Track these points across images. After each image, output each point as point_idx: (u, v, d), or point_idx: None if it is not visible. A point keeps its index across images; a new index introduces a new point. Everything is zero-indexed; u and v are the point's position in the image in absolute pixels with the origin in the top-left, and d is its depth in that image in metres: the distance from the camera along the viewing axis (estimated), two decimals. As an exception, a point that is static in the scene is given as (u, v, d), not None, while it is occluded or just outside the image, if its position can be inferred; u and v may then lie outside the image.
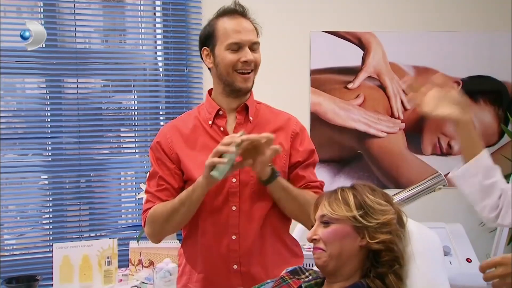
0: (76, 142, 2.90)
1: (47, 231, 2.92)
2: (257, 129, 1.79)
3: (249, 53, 1.76)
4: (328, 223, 1.44)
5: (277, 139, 1.76)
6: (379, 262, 1.41)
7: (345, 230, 1.42)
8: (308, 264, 2.03)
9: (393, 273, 1.41)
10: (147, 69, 3.12)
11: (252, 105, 1.84)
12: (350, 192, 1.47)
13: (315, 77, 3.14)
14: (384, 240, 1.40)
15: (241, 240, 1.77)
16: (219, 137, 1.78)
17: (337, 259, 1.42)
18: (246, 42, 1.76)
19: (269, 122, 1.84)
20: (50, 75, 2.88)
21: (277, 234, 1.83)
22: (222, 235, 1.78)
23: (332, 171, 3.18)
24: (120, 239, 2.85)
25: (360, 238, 1.42)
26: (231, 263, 1.78)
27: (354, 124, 3.18)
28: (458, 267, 2.67)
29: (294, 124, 1.87)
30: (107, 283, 2.64)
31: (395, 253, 1.42)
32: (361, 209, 1.43)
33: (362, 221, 1.42)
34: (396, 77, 3.21)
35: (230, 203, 1.78)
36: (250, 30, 1.78)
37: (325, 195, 1.50)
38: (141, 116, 3.08)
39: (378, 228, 1.41)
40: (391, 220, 1.43)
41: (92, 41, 3.08)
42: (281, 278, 1.57)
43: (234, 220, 1.78)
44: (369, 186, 1.51)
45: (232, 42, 1.75)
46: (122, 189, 3.24)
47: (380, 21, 3.19)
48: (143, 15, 3.09)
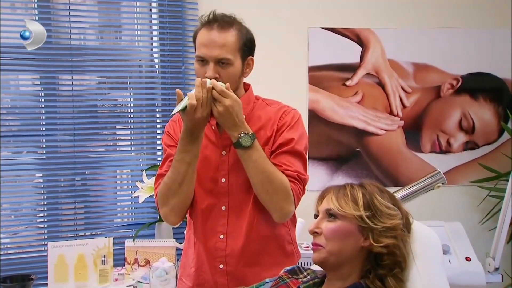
0: (71, 139, 2.87)
1: (42, 230, 2.89)
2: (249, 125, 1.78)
3: (212, 69, 1.71)
4: (334, 218, 1.42)
5: (263, 133, 1.78)
6: (380, 264, 1.40)
7: (350, 229, 1.40)
8: (306, 263, 2.01)
9: (393, 276, 1.39)
10: (143, 66, 3.09)
11: (244, 104, 1.79)
12: (359, 190, 1.44)
13: (313, 74, 3.12)
14: (388, 244, 1.39)
15: (228, 240, 1.80)
16: (211, 134, 1.81)
17: (336, 257, 1.41)
18: (209, 58, 1.72)
19: (260, 119, 1.82)
20: (45, 72, 2.85)
21: (268, 234, 1.82)
22: (211, 234, 1.81)
23: (330, 169, 3.16)
24: (116, 238, 2.82)
25: (363, 239, 1.40)
26: (217, 262, 1.81)
27: (352, 121, 3.16)
28: (458, 265, 2.66)
29: (284, 114, 1.82)
30: (102, 283, 2.62)
31: (397, 257, 1.40)
32: (369, 210, 1.41)
33: (368, 223, 1.40)
34: (395, 74, 3.18)
35: (220, 203, 1.80)
36: (218, 45, 1.72)
37: (333, 189, 1.47)
38: (137, 114, 3.05)
39: (383, 231, 1.39)
40: (397, 225, 1.41)
41: (87, 38, 3.05)
42: (280, 277, 1.57)
43: (223, 220, 1.81)
44: (378, 187, 1.48)
45: (198, 55, 1.76)
46: (118, 187, 3.21)
47: (379, 18, 3.17)
48: (139, 11, 3.05)
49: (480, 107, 3.28)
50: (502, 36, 3.27)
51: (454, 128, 3.27)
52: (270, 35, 2.99)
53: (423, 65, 3.22)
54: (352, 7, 3.15)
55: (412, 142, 3.24)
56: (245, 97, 1.83)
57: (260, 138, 1.77)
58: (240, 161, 1.75)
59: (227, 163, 1.79)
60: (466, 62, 3.26)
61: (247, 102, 1.83)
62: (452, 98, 3.25)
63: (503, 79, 3.29)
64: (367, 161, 3.20)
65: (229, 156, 1.80)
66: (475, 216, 3.25)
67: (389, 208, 1.43)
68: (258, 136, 1.76)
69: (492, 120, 3.29)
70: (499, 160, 3.27)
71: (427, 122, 3.25)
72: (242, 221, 1.79)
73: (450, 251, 2.71)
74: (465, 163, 3.29)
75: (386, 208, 1.42)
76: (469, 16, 3.25)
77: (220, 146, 1.81)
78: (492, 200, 3.20)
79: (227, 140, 1.78)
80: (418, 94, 3.22)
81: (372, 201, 1.42)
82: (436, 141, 3.26)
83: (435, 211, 3.08)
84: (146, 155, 3.09)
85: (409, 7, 3.20)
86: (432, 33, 3.22)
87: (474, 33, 3.26)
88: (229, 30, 1.74)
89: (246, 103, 1.81)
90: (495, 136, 3.32)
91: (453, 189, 3.25)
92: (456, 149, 3.28)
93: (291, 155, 1.78)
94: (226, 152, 1.80)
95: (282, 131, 1.80)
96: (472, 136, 3.29)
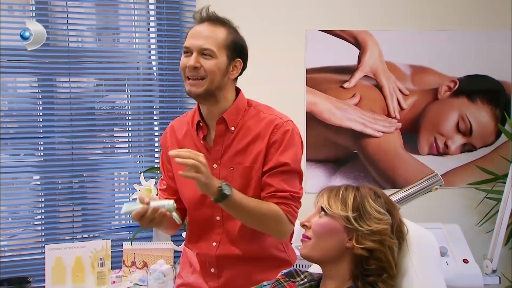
0: (69, 142, 2.86)
1: (39, 232, 2.88)
2: (238, 139, 1.78)
3: (193, 58, 1.70)
4: (324, 215, 1.45)
5: (254, 147, 1.76)
6: (366, 269, 1.41)
7: (336, 227, 1.43)
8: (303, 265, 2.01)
9: (382, 282, 1.40)
10: (141, 68, 3.09)
11: (233, 115, 1.78)
12: (352, 193, 1.46)
13: (310, 76, 3.12)
14: (371, 248, 1.39)
15: (220, 246, 1.81)
16: (202, 148, 1.80)
17: (320, 252, 1.44)
18: (193, 47, 1.71)
19: (250, 130, 1.78)
20: (42, 74, 2.85)
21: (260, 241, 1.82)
22: (205, 241, 1.83)
23: (328, 171, 3.16)
24: (114, 240, 2.83)
25: (348, 239, 1.42)
26: (210, 266, 1.84)
27: (350, 123, 3.16)
28: (455, 268, 2.66)
29: (276, 129, 1.76)
30: (100, 285, 2.61)
31: (382, 262, 1.40)
32: (357, 211, 1.42)
33: (353, 223, 1.41)
34: (393, 77, 3.19)
35: (215, 213, 1.81)
36: (203, 36, 1.71)
37: (328, 189, 1.50)
38: (134, 116, 3.05)
39: (368, 234, 1.40)
40: (383, 230, 1.41)
41: (85, 40, 3.05)
42: (277, 280, 1.57)
43: (217, 229, 1.82)
44: (375, 192, 1.49)
45: (184, 46, 1.75)
46: (115, 189, 3.21)
47: (377, 20, 3.17)
48: (136, 13, 3.06)
49: (478, 109, 3.28)
50: (499, 38, 3.27)
51: (451, 130, 3.27)
52: (267, 37, 2.99)
53: (420, 67, 3.23)
54: (349, 9, 3.15)
55: (409, 144, 3.24)
56: (234, 107, 1.79)
57: (249, 154, 1.75)
58: (231, 173, 1.76)
59: (219, 176, 1.76)
60: (463, 64, 3.26)
61: (236, 112, 1.79)
62: (449, 100, 3.26)
63: (501, 82, 3.29)
64: (364, 163, 3.20)
65: (220, 168, 1.78)
66: (472, 218, 3.25)
67: (379, 212, 1.43)
68: (248, 152, 1.75)
69: (490, 122, 3.30)
70: (496, 162, 3.28)
71: (424, 124, 3.25)
72: (235, 228, 1.79)
73: (447, 253, 2.71)
74: (463, 165, 3.30)
75: (376, 212, 1.43)
76: (466, 18, 3.26)
77: (212, 159, 1.78)
78: (489, 202, 3.20)
79: (218, 153, 1.78)
80: (415, 96, 3.23)
81: (362, 204, 1.43)
82: (433, 143, 3.27)
83: (433, 213, 3.09)
84: (143, 157, 3.09)
85: (406, 9, 3.20)
86: (430, 35, 3.22)
87: (472, 35, 3.26)
88: (219, 27, 1.74)
89: (235, 113, 1.78)
90: (492, 138, 3.32)
91: (451, 191, 3.25)
92: (453, 151, 3.28)
93: (286, 174, 1.75)
94: (217, 165, 1.79)
95: (273, 149, 1.75)
96: (469, 138, 3.29)
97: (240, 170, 1.76)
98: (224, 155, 1.78)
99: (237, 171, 1.77)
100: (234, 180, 1.74)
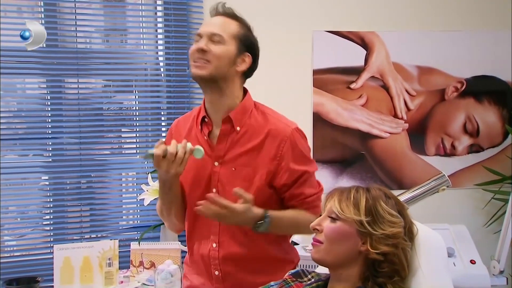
0: (77, 142, 2.88)
1: (48, 232, 2.89)
2: (243, 140, 1.77)
3: (203, 41, 1.71)
4: (336, 219, 1.42)
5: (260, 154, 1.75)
6: (378, 271, 1.39)
7: (349, 231, 1.40)
8: (310, 265, 2.01)
9: (393, 284, 1.38)
10: (148, 69, 3.10)
11: (239, 115, 1.77)
12: (363, 195, 1.43)
13: (317, 77, 3.12)
14: (385, 252, 1.37)
15: (220, 249, 1.80)
16: (205, 145, 1.78)
17: (333, 256, 1.41)
18: (204, 32, 1.73)
19: (256, 134, 1.77)
20: (51, 75, 2.86)
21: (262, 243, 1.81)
22: (205, 242, 1.83)
23: (334, 172, 3.16)
24: (121, 240, 2.83)
25: (361, 243, 1.40)
26: (213, 269, 1.82)
27: (357, 124, 3.16)
28: (462, 268, 2.65)
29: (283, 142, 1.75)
30: (108, 285, 2.62)
31: (395, 265, 1.39)
32: (370, 215, 1.40)
33: (368, 228, 1.38)
34: (400, 77, 3.18)
35: None
36: (215, 23, 1.74)
37: (338, 191, 1.46)
38: (142, 117, 3.06)
39: (382, 238, 1.38)
40: (397, 233, 1.39)
41: (93, 41, 3.06)
42: (284, 280, 1.57)
43: (215, 229, 1.80)
44: (384, 192, 1.46)
45: (196, 33, 1.77)
46: (123, 190, 3.22)
47: (383, 21, 3.17)
48: (144, 15, 3.07)
49: (485, 110, 3.28)
50: (507, 39, 3.26)
51: (458, 131, 3.27)
52: (274, 38, 3.00)
53: (427, 68, 3.22)
54: (356, 10, 3.16)
55: (416, 145, 3.24)
56: (241, 107, 1.78)
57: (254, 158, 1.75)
58: (233, 174, 1.76)
59: (219, 174, 1.77)
60: (470, 65, 3.25)
61: (243, 112, 1.78)
62: (456, 101, 3.25)
63: (508, 82, 3.28)
64: (371, 164, 3.20)
65: (221, 167, 1.77)
66: (479, 219, 3.24)
67: (392, 215, 1.41)
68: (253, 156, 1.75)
69: (497, 123, 3.29)
70: (503, 163, 3.27)
71: (431, 125, 3.24)
72: (234, 231, 1.78)
73: (454, 254, 2.70)
74: (470, 166, 3.29)
75: (389, 215, 1.40)
76: (473, 19, 3.25)
77: (214, 157, 1.78)
78: (496, 203, 3.19)
79: (221, 152, 1.77)
80: (422, 97, 3.23)
81: (375, 207, 1.40)
82: (440, 144, 3.26)
83: (440, 214, 3.08)
84: (151, 158, 3.09)
85: (413, 10, 3.20)
86: (436, 36, 3.22)
87: (479, 36, 3.26)
88: (233, 20, 1.76)
89: (241, 113, 1.77)
90: (499, 139, 3.31)
91: (458, 192, 3.24)
92: (460, 152, 3.27)
93: (308, 180, 1.80)
94: (219, 163, 1.78)
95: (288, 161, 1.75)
96: (476, 139, 3.28)
97: (243, 172, 1.75)
98: (227, 154, 1.77)
99: (239, 173, 1.76)
100: (234, 181, 1.74)
